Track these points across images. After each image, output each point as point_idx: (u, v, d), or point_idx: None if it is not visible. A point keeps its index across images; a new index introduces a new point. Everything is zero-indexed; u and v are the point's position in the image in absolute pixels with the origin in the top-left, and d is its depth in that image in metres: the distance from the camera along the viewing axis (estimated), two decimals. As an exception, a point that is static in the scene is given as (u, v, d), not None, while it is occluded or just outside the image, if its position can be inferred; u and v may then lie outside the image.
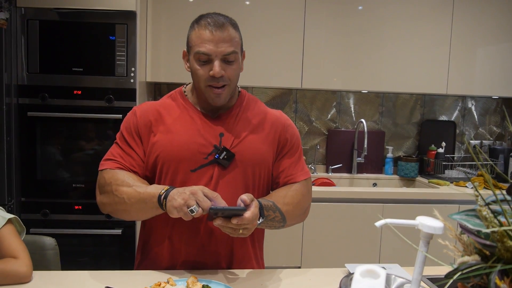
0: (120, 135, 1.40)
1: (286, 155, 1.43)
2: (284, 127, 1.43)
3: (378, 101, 3.33)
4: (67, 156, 2.49)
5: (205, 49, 1.26)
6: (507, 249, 0.65)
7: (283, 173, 1.42)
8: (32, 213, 2.46)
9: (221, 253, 1.35)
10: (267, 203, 1.26)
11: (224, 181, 1.33)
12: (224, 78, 1.29)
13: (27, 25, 2.40)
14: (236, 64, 1.31)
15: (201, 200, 1.12)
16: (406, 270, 1.35)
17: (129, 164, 1.35)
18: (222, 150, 1.32)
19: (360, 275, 0.70)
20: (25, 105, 2.43)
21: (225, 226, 1.12)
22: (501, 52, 2.98)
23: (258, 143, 1.38)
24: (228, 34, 1.27)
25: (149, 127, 1.36)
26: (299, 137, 1.49)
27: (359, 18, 2.87)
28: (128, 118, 1.40)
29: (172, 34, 2.75)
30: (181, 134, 1.33)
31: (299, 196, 1.39)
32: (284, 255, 2.66)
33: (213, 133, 1.34)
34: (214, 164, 1.32)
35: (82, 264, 2.51)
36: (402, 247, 2.60)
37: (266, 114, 1.44)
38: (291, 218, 1.35)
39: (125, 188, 1.27)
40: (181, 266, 1.35)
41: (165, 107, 1.39)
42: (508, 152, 3.13)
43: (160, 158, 1.32)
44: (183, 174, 1.32)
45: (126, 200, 1.25)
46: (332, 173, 3.24)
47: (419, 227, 0.81)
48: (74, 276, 1.28)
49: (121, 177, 1.30)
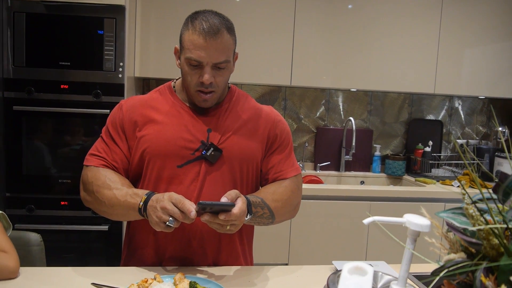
0: (105, 129, 1.39)
1: (276, 151, 1.43)
2: (274, 122, 1.43)
3: (366, 100, 3.35)
4: (54, 151, 2.46)
5: (197, 56, 1.24)
6: (493, 247, 0.66)
7: (272, 169, 1.42)
8: (17, 208, 2.43)
9: (207, 249, 1.35)
10: (256, 199, 1.26)
11: (211, 177, 1.32)
12: (213, 84, 1.28)
13: (13, 18, 2.36)
14: (226, 70, 1.31)
15: (173, 213, 1.11)
16: (392, 268, 1.36)
17: (112, 160, 1.34)
18: (209, 146, 1.31)
19: (347, 272, 0.70)
20: (11, 99, 2.39)
21: (212, 221, 1.12)
22: (488, 53, 3.02)
23: (246, 139, 1.37)
24: (221, 41, 1.24)
25: (134, 122, 1.35)
26: (290, 133, 1.48)
27: (349, 17, 2.88)
28: (114, 112, 1.40)
29: (161, 29, 2.72)
30: (168, 129, 1.32)
31: (289, 193, 1.39)
32: (272, 252, 2.66)
33: (200, 129, 1.34)
34: (201, 160, 1.31)
35: (68, 260, 2.48)
36: (388, 244, 2.62)
37: (255, 110, 1.43)
38: (280, 215, 1.35)
39: (106, 191, 1.27)
40: (167, 262, 1.35)
41: (152, 101, 1.38)
42: (493, 151, 3.17)
43: (147, 153, 1.32)
44: (170, 169, 1.31)
45: (107, 203, 1.27)
46: (320, 171, 3.26)
47: (406, 224, 0.82)
48: (60, 273, 1.26)
49: (103, 177, 1.30)
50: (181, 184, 1.31)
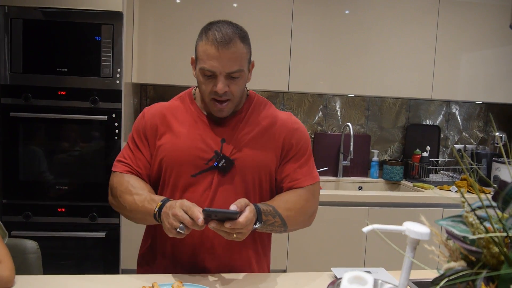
0: (131, 136, 1.44)
1: (291, 160, 1.41)
2: (290, 131, 1.40)
3: (364, 105, 3.36)
4: (51, 158, 2.45)
5: (210, 66, 1.25)
6: (493, 255, 0.65)
7: (287, 178, 1.40)
8: (13, 215, 2.42)
9: (218, 255, 1.36)
10: (267, 208, 1.26)
11: (224, 187, 1.34)
12: (228, 93, 1.28)
13: (10, 24, 2.36)
14: (241, 79, 1.30)
15: (183, 220, 1.12)
16: (391, 274, 1.35)
17: (136, 166, 1.39)
18: (221, 158, 1.33)
19: (347, 282, 0.70)
20: (8, 105, 2.38)
21: (219, 229, 1.13)
22: (484, 58, 3.03)
23: (260, 149, 1.36)
24: (234, 51, 1.25)
25: (155, 129, 1.39)
26: (309, 140, 1.45)
27: (346, 22, 2.89)
28: (138, 119, 1.45)
29: (159, 35, 2.72)
30: (184, 138, 1.35)
31: (302, 202, 1.37)
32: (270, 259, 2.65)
33: (215, 139, 1.35)
34: (214, 170, 1.33)
35: (65, 267, 2.46)
36: (387, 250, 2.61)
37: (272, 118, 1.42)
38: (293, 224, 1.34)
39: (127, 196, 1.31)
40: (181, 269, 1.37)
41: (173, 109, 1.41)
42: (490, 156, 3.17)
43: (164, 162, 1.35)
44: (185, 178, 1.34)
45: (128, 208, 1.32)
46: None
47: (406, 232, 0.82)
48: (57, 280, 1.25)
49: (125, 183, 1.34)
50: (194, 192, 1.34)
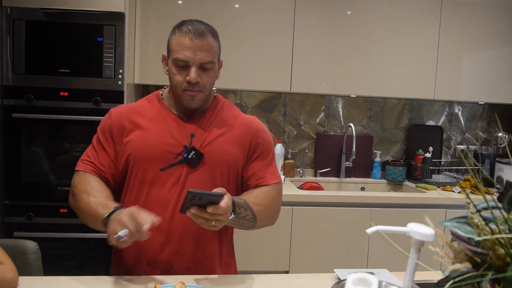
0: (96, 136, 1.46)
1: (258, 159, 1.46)
2: (256, 131, 1.47)
3: (366, 106, 3.35)
4: (53, 159, 2.45)
5: (183, 56, 1.31)
6: (499, 257, 0.65)
7: (254, 175, 1.45)
8: (16, 216, 2.42)
9: (185, 250, 1.36)
10: (239, 200, 1.29)
11: (193, 180, 1.36)
12: (199, 84, 1.34)
13: (12, 25, 2.36)
14: (212, 72, 1.37)
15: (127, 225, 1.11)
16: (395, 276, 1.35)
17: (100, 164, 1.40)
18: (190, 150, 1.36)
19: (352, 283, 0.69)
20: (10, 106, 2.38)
21: (198, 215, 1.13)
22: (487, 58, 3.02)
23: (228, 145, 1.41)
24: (207, 43, 1.32)
25: (122, 128, 1.41)
26: (272, 142, 1.53)
27: (348, 23, 2.88)
28: (104, 119, 1.47)
29: (160, 36, 2.72)
30: (152, 134, 1.38)
31: (270, 198, 1.43)
32: (272, 260, 2.64)
33: (184, 134, 1.39)
34: (183, 164, 1.36)
35: (67, 268, 2.46)
36: (390, 251, 2.60)
37: (239, 118, 1.48)
38: (261, 219, 1.38)
39: (84, 196, 1.31)
40: (146, 265, 1.37)
41: (140, 108, 1.45)
42: (494, 157, 3.16)
43: (132, 157, 1.37)
44: (153, 173, 1.36)
45: (82, 209, 1.32)
46: (321, 177, 3.24)
47: (410, 234, 0.81)
48: (58, 282, 1.25)
49: (85, 183, 1.35)
50: (162, 187, 1.36)
